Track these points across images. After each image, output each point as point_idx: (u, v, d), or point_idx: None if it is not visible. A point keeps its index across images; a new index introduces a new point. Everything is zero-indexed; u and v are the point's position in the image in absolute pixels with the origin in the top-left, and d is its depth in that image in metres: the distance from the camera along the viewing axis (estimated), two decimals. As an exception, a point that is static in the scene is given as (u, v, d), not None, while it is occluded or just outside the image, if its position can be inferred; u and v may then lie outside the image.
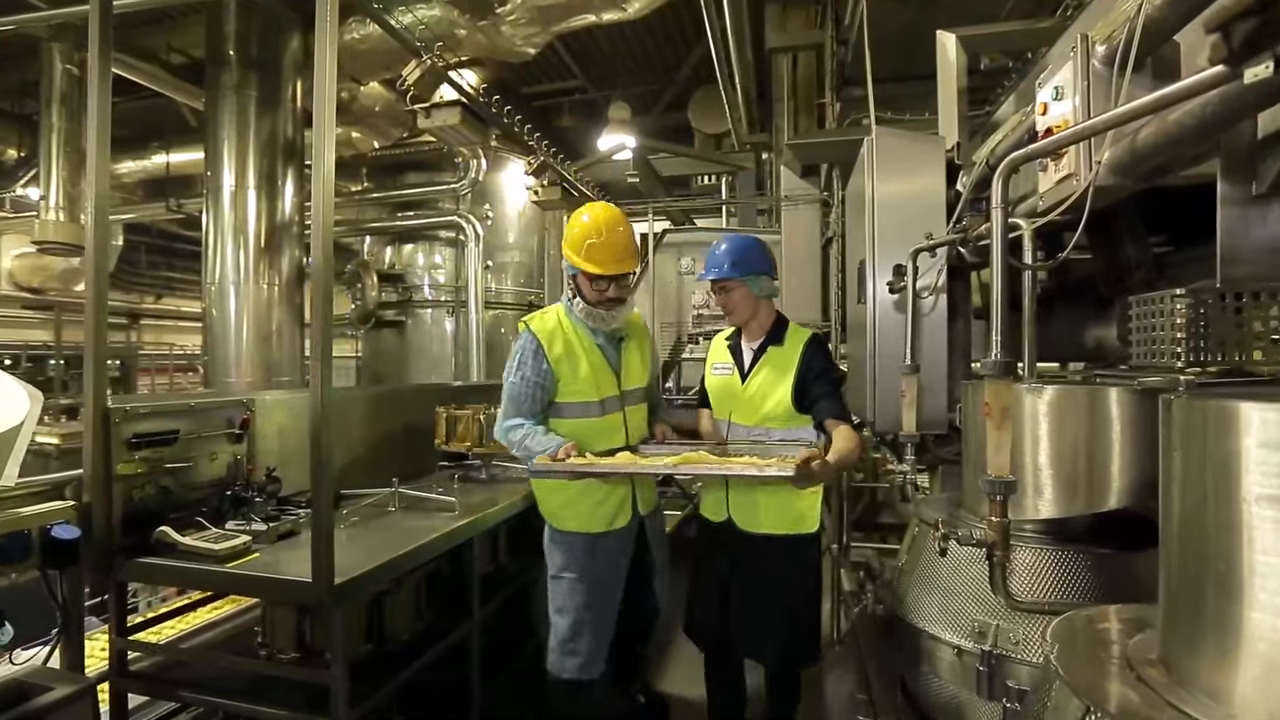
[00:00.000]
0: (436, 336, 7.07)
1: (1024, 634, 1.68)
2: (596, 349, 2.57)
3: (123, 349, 9.34)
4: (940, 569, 1.85)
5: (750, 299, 2.58)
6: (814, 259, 4.71)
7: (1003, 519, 1.58)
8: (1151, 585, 1.82)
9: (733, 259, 2.56)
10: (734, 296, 2.59)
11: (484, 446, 3.23)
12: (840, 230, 4.47)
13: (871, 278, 3.03)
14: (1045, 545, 1.83)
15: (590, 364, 2.53)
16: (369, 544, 2.31)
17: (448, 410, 3.30)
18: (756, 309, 2.60)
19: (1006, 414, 1.58)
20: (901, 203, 2.98)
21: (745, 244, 2.60)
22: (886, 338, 2.98)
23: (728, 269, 2.55)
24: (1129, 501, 1.72)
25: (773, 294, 2.65)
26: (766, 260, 2.62)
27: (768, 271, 2.60)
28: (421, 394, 3.77)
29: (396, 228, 7.03)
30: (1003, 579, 1.60)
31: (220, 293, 6.22)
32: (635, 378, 2.67)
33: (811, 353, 2.53)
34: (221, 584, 2.10)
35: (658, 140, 7.61)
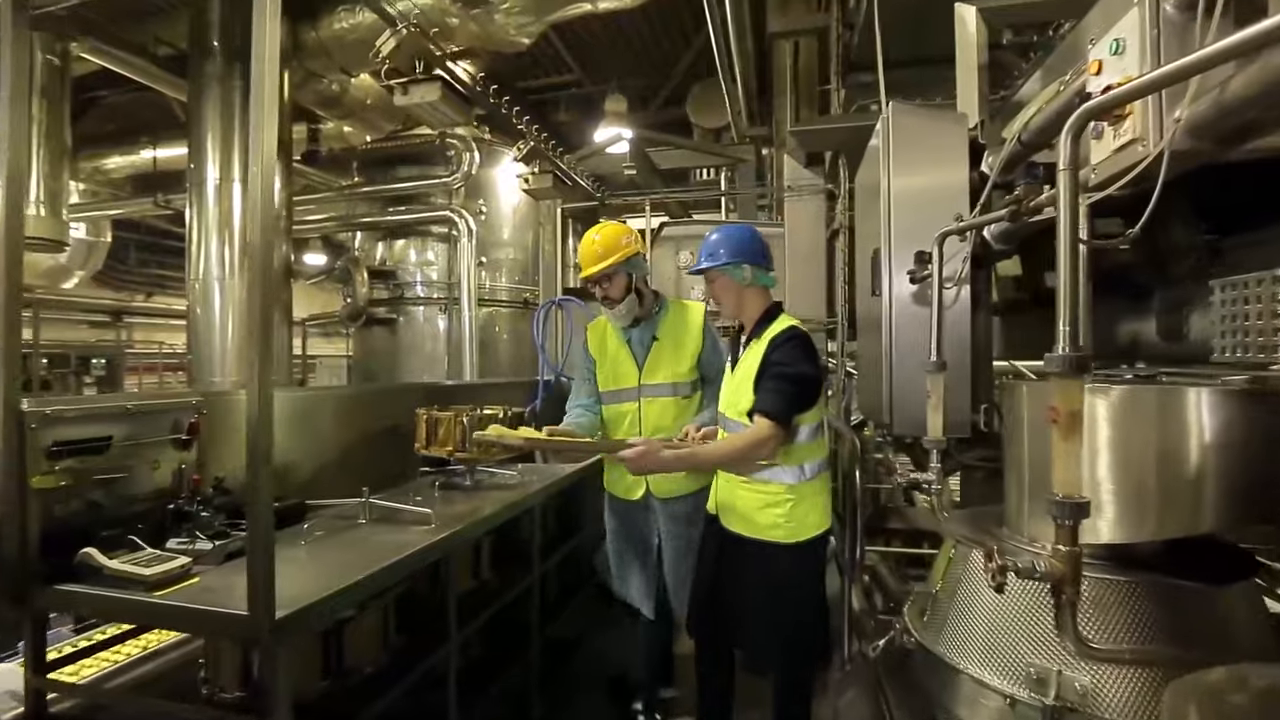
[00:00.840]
0: (429, 334, 6.75)
1: (1092, 684, 1.37)
2: (624, 345, 2.88)
3: (110, 347, 9.00)
4: (986, 600, 1.54)
5: (733, 289, 2.47)
6: (819, 252, 4.40)
7: (1073, 548, 1.27)
8: (1246, 627, 1.52)
9: (710, 249, 2.49)
10: (716, 287, 2.52)
11: (467, 451, 2.91)
12: (846, 222, 4.16)
13: (887, 268, 2.72)
14: (1109, 574, 1.51)
15: (614, 357, 2.88)
16: (329, 564, 1.99)
17: (428, 412, 2.98)
18: (741, 299, 2.49)
19: (1077, 421, 1.27)
20: (921, 186, 2.67)
21: (726, 232, 2.53)
22: (904, 333, 2.67)
23: (704, 259, 2.49)
24: (1218, 526, 1.41)
25: (760, 283, 2.49)
26: (750, 248, 2.49)
27: (752, 259, 2.46)
28: (404, 394, 3.44)
29: (387, 222, 6.71)
30: (1073, 621, 1.28)
31: (204, 289, 5.90)
32: (661, 374, 2.83)
33: (773, 347, 2.38)
34: (145, 616, 1.77)
35: (655, 141, 7.30)
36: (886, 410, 2.74)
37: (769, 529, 2.38)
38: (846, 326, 4.13)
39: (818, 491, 2.47)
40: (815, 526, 2.42)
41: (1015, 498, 1.66)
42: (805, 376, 2.34)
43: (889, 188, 2.70)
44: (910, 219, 2.67)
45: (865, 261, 3.26)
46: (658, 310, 2.90)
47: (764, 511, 2.38)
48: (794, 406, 2.32)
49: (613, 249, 2.75)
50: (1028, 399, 1.58)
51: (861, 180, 3.41)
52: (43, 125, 6.54)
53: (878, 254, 2.79)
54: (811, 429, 2.45)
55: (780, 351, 2.35)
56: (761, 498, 2.40)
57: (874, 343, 3.05)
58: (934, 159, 2.67)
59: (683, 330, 2.86)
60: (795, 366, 2.33)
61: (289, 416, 2.77)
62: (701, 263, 2.50)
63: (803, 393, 2.35)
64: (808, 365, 2.36)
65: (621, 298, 2.77)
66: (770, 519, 2.37)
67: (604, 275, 2.74)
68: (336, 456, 2.89)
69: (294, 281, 10.37)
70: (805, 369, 2.35)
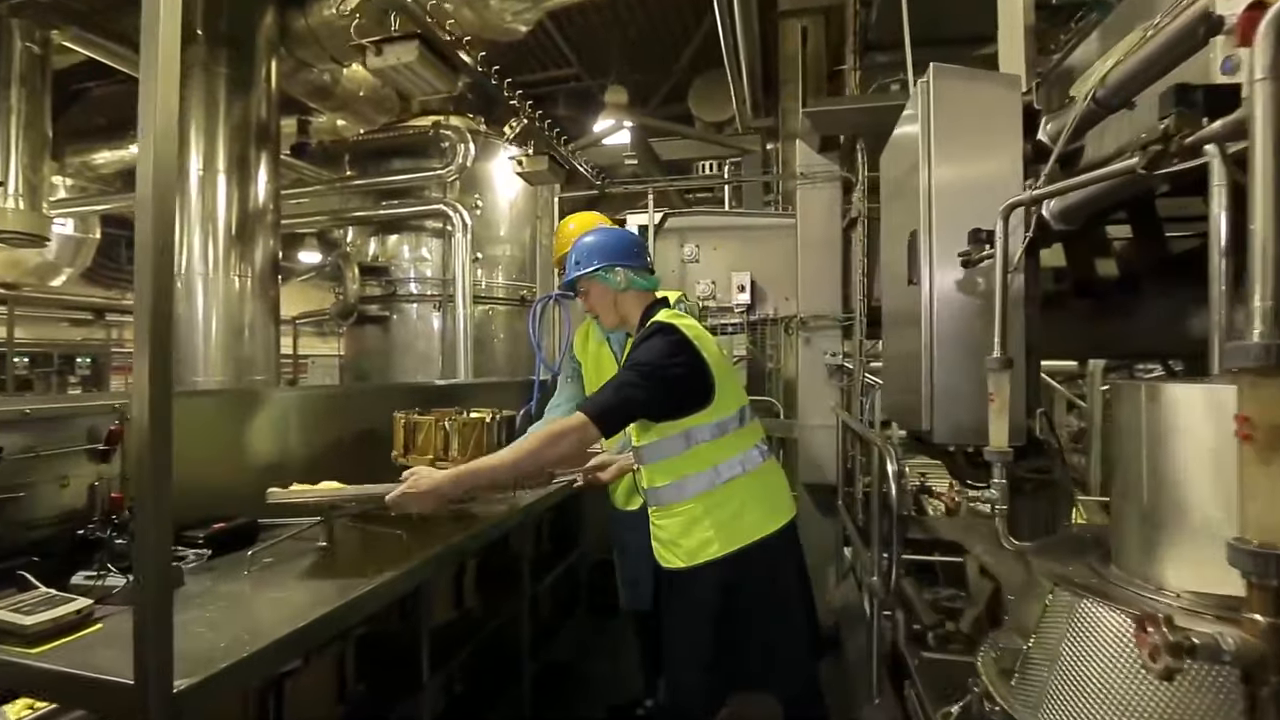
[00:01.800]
0: (422, 333, 6.33)
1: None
2: (604, 346, 2.72)
3: (96, 346, 8.57)
4: (1113, 673, 1.13)
5: (607, 296, 2.18)
6: (833, 244, 3.99)
7: (1275, 619, 0.87)
8: None
9: (575, 257, 2.21)
10: (590, 299, 2.23)
11: (449, 461, 2.50)
12: (864, 211, 3.75)
13: (927, 253, 2.31)
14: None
15: (594, 358, 2.75)
16: (269, 606, 1.58)
17: (406, 416, 2.57)
18: (618, 306, 2.19)
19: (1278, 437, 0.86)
20: (968, 158, 2.27)
21: (592, 235, 2.24)
22: (948, 326, 2.26)
23: (570, 271, 2.22)
24: None
25: (636, 286, 2.18)
26: (619, 248, 2.19)
27: (623, 260, 2.16)
28: (383, 395, 3.02)
29: (380, 217, 6.29)
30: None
31: (186, 285, 5.48)
32: None
33: (635, 344, 2.09)
34: (7, 680, 1.36)
35: (657, 131, 6.89)
36: (925, 414, 2.33)
37: (702, 549, 2.00)
38: (865, 322, 3.72)
39: (753, 485, 2.08)
40: (756, 526, 2.03)
41: (1134, 530, 1.25)
42: (654, 368, 1.94)
43: (930, 161, 2.30)
44: (956, 196, 2.27)
45: (896, 249, 2.85)
46: None
47: (689, 533, 2.03)
48: (626, 404, 1.94)
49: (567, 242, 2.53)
50: (1159, 404, 1.16)
51: (888, 162, 3.00)
52: (22, 115, 6.13)
53: (915, 238, 2.39)
54: (715, 426, 2.05)
55: (639, 350, 2.02)
56: (680, 519, 2.05)
57: (908, 339, 2.64)
58: (982, 127, 2.27)
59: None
60: (646, 363, 1.95)
61: (244, 420, 2.36)
62: (569, 275, 2.21)
63: (652, 387, 1.94)
64: (664, 358, 1.96)
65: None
66: (699, 538, 2.01)
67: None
68: (302, 465, 2.48)
69: (288, 280, 9.98)
70: (655, 359, 1.95)
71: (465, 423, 2.52)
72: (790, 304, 4.22)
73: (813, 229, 4.04)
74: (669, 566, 2.11)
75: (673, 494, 2.05)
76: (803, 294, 4.08)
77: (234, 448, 2.24)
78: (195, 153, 5.39)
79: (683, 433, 2.02)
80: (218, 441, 2.18)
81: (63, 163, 7.58)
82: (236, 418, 2.31)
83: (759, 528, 2.04)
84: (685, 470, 2.04)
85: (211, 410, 2.16)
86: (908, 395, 2.63)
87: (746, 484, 2.07)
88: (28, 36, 6.11)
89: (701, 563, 2.02)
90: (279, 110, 5.82)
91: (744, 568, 2.01)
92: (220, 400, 2.30)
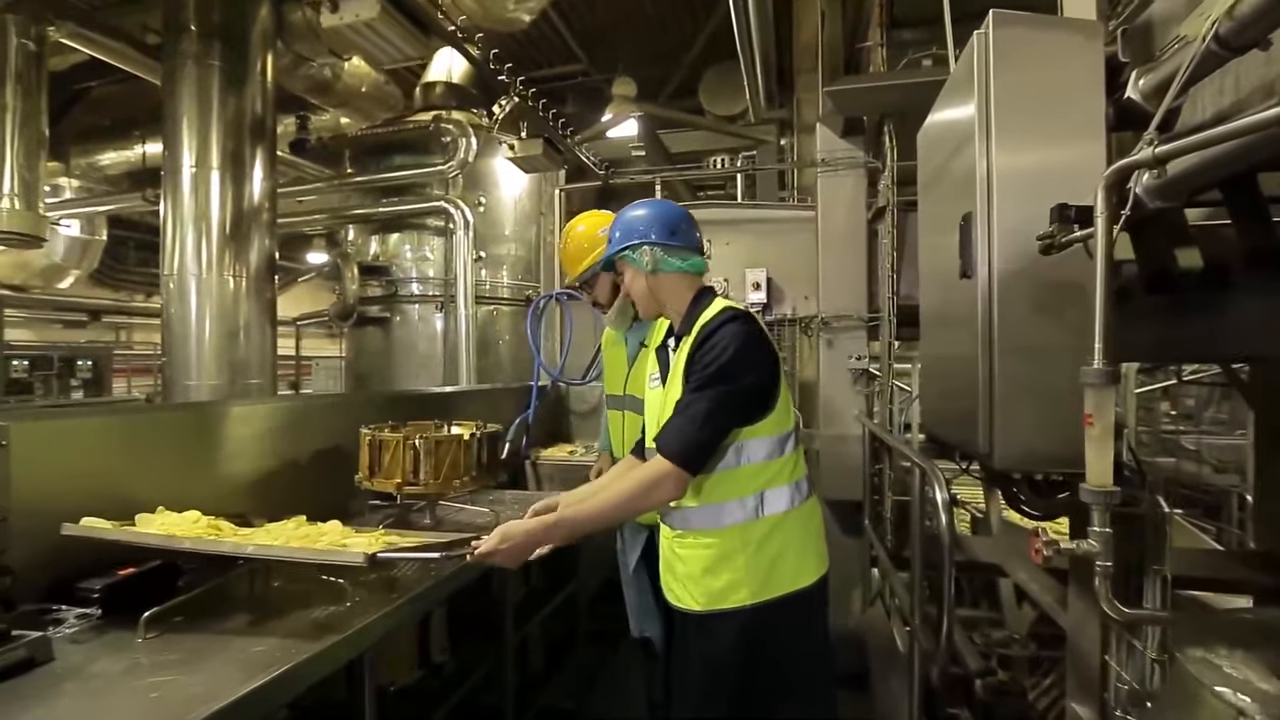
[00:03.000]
0: (424, 334, 5.93)
1: None
2: (622, 346, 2.44)
3: (99, 348, 8.25)
4: None
5: (637, 279, 1.80)
6: (857, 237, 3.53)
7: None
8: None
9: (612, 233, 1.85)
10: (625, 280, 1.86)
11: (420, 485, 2.08)
12: (893, 200, 3.29)
13: (984, 241, 1.86)
14: None
15: (612, 360, 2.50)
16: (143, 697, 1.17)
17: (373, 432, 2.15)
18: (653, 290, 1.78)
19: None
20: (1037, 122, 1.81)
21: (626, 210, 1.86)
22: (1013, 327, 1.80)
23: (609, 246, 1.85)
24: None
25: (671, 268, 1.76)
26: (646, 223, 1.78)
27: (654, 237, 1.75)
28: (353, 406, 2.59)
29: (380, 215, 5.90)
30: None
31: (180, 286, 5.13)
32: (638, 387, 2.24)
33: (700, 339, 1.65)
34: None
35: (667, 123, 6.45)
36: (982, 434, 1.87)
37: (727, 594, 1.62)
38: (894, 323, 3.25)
39: (796, 525, 1.68)
40: (793, 576, 1.64)
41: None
42: (738, 374, 1.59)
43: (989, 128, 1.84)
44: (1023, 171, 1.82)
45: (939, 239, 2.39)
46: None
47: (714, 572, 1.64)
48: (716, 434, 1.59)
49: (593, 247, 2.22)
50: None
51: (927, 142, 2.54)
52: (17, 113, 5.78)
53: (969, 223, 1.93)
54: (773, 442, 1.66)
55: (708, 344, 1.62)
56: (707, 553, 1.65)
57: (955, 341, 2.18)
58: (1055, 81, 1.81)
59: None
60: (723, 363, 1.58)
61: (175, 440, 1.94)
62: (607, 251, 1.87)
63: (735, 403, 1.60)
64: (744, 356, 1.60)
65: (610, 301, 2.28)
66: (726, 579, 1.62)
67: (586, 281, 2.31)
68: (252, 489, 2.07)
69: (292, 281, 9.64)
70: (740, 362, 1.59)
71: (439, 441, 2.09)
72: (810, 303, 3.76)
73: (835, 221, 3.57)
74: (680, 606, 1.72)
75: (705, 519, 1.65)
76: (824, 292, 3.62)
77: (156, 474, 1.82)
78: (188, 149, 5.05)
79: (735, 446, 1.63)
80: (130, 468, 1.77)
81: (69, 164, 7.30)
82: (161, 438, 1.89)
83: (796, 578, 1.65)
84: (728, 493, 1.63)
85: (119, 431, 1.75)
86: (952, 404, 2.17)
87: (791, 522, 1.67)
88: (23, 33, 5.79)
89: (724, 609, 1.63)
90: (275, 105, 5.45)
91: (772, 623, 1.62)
92: (135, 419, 1.89)
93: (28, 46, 5.81)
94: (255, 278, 5.18)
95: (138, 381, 7.80)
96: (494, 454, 2.26)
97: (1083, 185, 1.67)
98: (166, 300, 5.07)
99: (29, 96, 5.83)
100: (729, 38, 5.07)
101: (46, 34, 5.86)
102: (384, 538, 1.91)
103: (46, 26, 5.84)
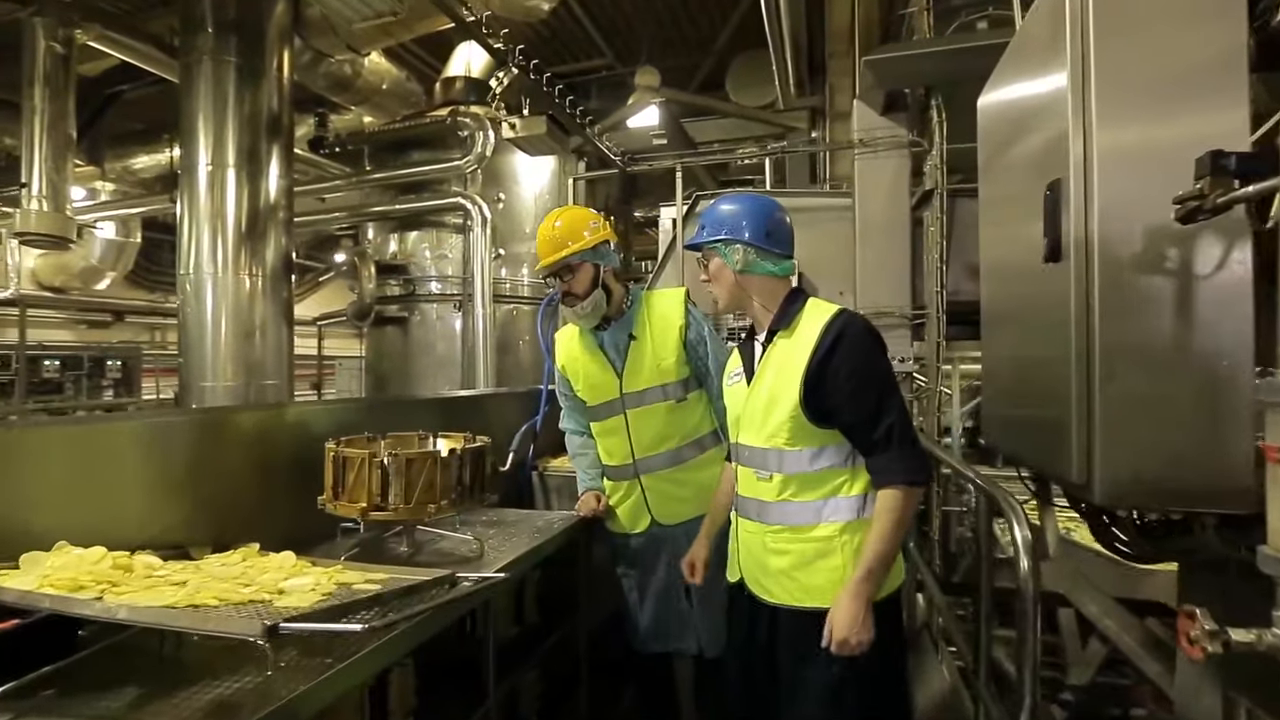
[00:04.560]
0: (443, 334, 5.63)
1: None
2: (598, 351, 2.21)
3: (129, 349, 8.16)
4: None
5: (723, 275, 1.72)
6: (900, 223, 3.06)
7: None
8: None
9: (705, 221, 1.76)
10: (710, 270, 1.75)
11: (390, 510, 1.72)
12: (941, 182, 2.83)
13: (1080, 211, 1.42)
14: None
15: (587, 368, 2.23)
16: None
17: (338, 446, 1.79)
18: (737, 288, 1.71)
19: None
20: (1153, 56, 1.37)
21: (719, 202, 1.77)
22: (1124, 321, 1.36)
23: (698, 233, 1.76)
24: None
25: (760, 270, 1.67)
26: (742, 223, 1.68)
27: (747, 238, 1.66)
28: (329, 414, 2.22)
29: (395, 212, 5.62)
30: None
31: (196, 285, 4.91)
32: (645, 377, 2.16)
33: (827, 349, 1.56)
34: None
35: (692, 115, 6.03)
36: (1077, 458, 1.43)
37: (826, 590, 1.55)
38: (943, 320, 2.79)
39: None
40: (892, 579, 1.61)
41: None
42: (891, 377, 1.59)
43: (1087, 62, 1.41)
44: (1135, 120, 1.38)
45: (1006, 219, 1.96)
46: (630, 304, 2.20)
47: (814, 567, 1.58)
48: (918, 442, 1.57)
49: (576, 234, 2.08)
50: None
51: (991, 108, 2.09)
52: (45, 116, 5.65)
53: (1058, 191, 1.49)
54: None
55: (849, 356, 1.55)
56: (807, 546, 1.60)
57: (1031, 340, 1.74)
58: (1176, 6, 1.36)
59: (661, 320, 2.17)
60: (875, 370, 1.57)
61: (112, 454, 1.61)
62: (693, 239, 1.77)
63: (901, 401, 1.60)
64: (883, 359, 1.62)
65: (586, 293, 2.09)
66: (825, 575, 1.57)
67: (565, 266, 2.07)
68: (206, 513, 1.73)
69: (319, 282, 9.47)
70: (884, 364, 1.60)
71: (410, 459, 1.73)
72: (846, 298, 3.31)
73: (874, 207, 3.12)
74: (776, 602, 1.63)
75: (807, 514, 1.60)
76: (861, 286, 3.17)
77: (62, 500, 1.49)
78: (203, 146, 4.84)
79: (853, 448, 1.59)
80: (25, 495, 1.44)
81: (103, 168, 7.22)
82: (85, 457, 1.56)
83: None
84: (836, 489, 1.59)
85: (13, 449, 1.42)
86: (1025, 415, 1.73)
87: None
88: (50, 35, 5.65)
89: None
90: (292, 102, 5.21)
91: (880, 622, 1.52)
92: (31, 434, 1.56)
93: (55, 49, 5.68)
94: (272, 277, 4.95)
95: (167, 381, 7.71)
96: (480, 472, 1.89)
97: (1221, 135, 1.22)
98: (183, 300, 4.86)
99: (56, 98, 5.69)
100: (756, 28, 4.65)
101: (74, 36, 5.72)
102: (338, 576, 1.56)
103: (74, 30, 5.70)
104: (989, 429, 2.12)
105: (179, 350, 5.00)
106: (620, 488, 2.23)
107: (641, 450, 2.16)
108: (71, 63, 5.76)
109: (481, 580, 1.60)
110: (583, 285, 2.09)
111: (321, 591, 1.43)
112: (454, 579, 1.60)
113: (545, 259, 2.09)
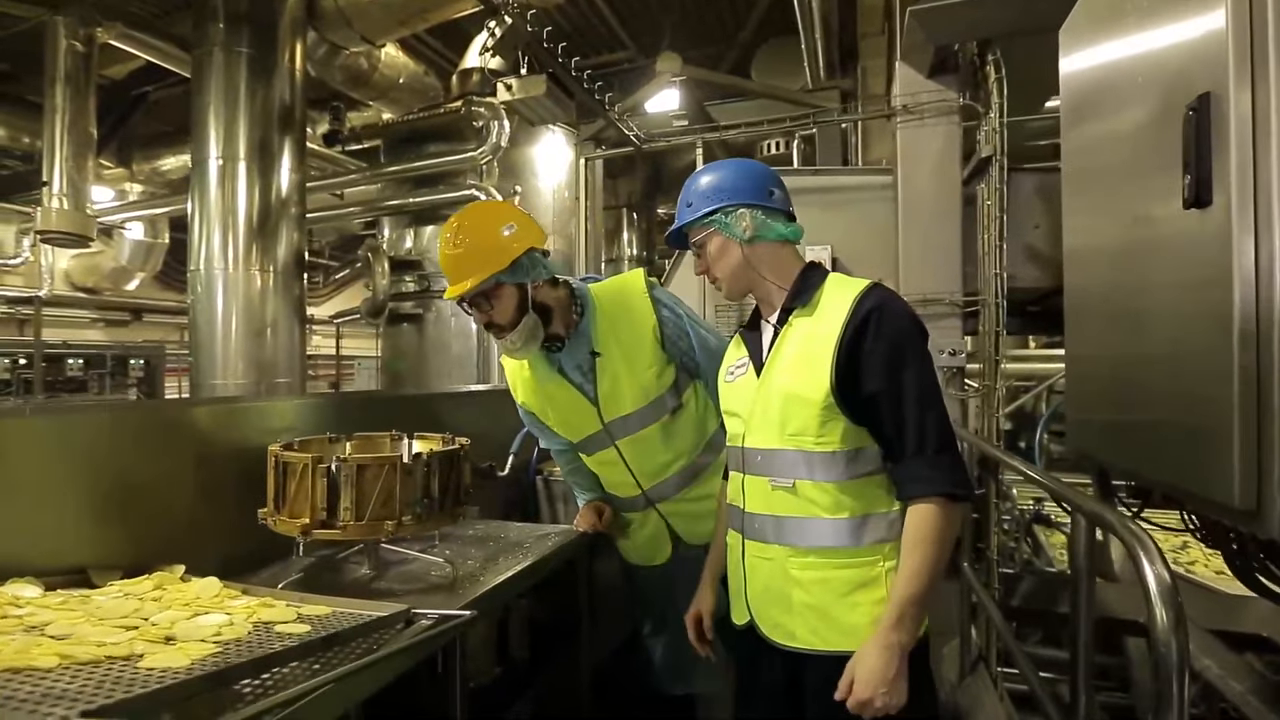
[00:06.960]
0: (458, 332, 5.32)
1: None
2: (559, 377, 1.69)
3: (152, 348, 8.07)
4: None
5: (731, 250, 1.33)
6: (950, 200, 2.63)
7: None
8: None
9: (689, 198, 1.36)
10: (707, 255, 1.36)
11: (337, 528, 1.36)
12: (1000, 151, 2.40)
13: (1246, 139, 1.00)
14: None
15: (555, 401, 1.73)
16: None
17: (280, 450, 1.44)
18: (749, 264, 1.33)
19: None
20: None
21: (712, 169, 1.37)
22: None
23: (678, 220, 1.38)
24: None
25: (772, 235, 1.32)
26: (744, 184, 1.32)
27: (751, 198, 1.31)
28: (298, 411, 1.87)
29: (409, 206, 5.34)
30: None
31: (207, 281, 4.68)
32: (624, 401, 1.68)
33: (863, 320, 1.22)
34: None
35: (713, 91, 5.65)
36: (1241, 483, 1.02)
37: (866, 632, 1.19)
38: (1002, 308, 2.36)
39: None
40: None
41: None
42: (932, 369, 1.26)
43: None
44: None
45: (1101, 186, 1.54)
46: (580, 314, 1.68)
47: (851, 601, 1.24)
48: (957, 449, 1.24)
49: (485, 253, 1.52)
50: None
51: (1078, 47, 1.66)
52: (66, 114, 5.50)
53: (1206, 108, 1.07)
54: None
55: (886, 338, 1.21)
56: (844, 575, 1.25)
57: (1153, 331, 1.32)
58: None
59: (627, 325, 1.67)
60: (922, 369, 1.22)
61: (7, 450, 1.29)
62: (681, 218, 1.38)
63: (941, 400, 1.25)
64: (924, 345, 1.25)
65: (513, 323, 1.56)
66: (866, 612, 1.22)
67: (480, 294, 1.54)
68: (127, 529, 1.40)
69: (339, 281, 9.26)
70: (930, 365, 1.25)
71: (362, 464, 1.37)
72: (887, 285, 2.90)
73: (919, 183, 2.69)
74: (800, 648, 1.27)
75: (843, 534, 1.25)
76: (905, 271, 2.73)
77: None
78: (214, 140, 4.60)
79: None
80: None
81: (132, 170, 7.12)
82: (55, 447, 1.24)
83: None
84: (872, 505, 1.26)
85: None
86: (1139, 419, 1.31)
87: None
88: (71, 34, 5.50)
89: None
90: (305, 95, 4.96)
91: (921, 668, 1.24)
92: None
93: (76, 48, 5.53)
94: (283, 273, 4.69)
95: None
96: (456, 480, 1.53)
97: None
98: (193, 297, 4.63)
99: (78, 98, 5.54)
100: (782, 18, 4.26)
101: (95, 36, 5.57)
102: (261, 612, 1.20)
103: (95, 29, 5.55)
104: (1078, 436, 1.69)
105: (189, 348, 4.78)
106: (634, 519, 1.86)
107: (648, 480, 1.77)
108: (93, 62, 5.62)
109: (444, 620, 1.23)
110: (506, 314, 1.56)
111: (227, 636, 1.08)
112: (410, 616, 1.24)
113: (449, 290, 1.56)
